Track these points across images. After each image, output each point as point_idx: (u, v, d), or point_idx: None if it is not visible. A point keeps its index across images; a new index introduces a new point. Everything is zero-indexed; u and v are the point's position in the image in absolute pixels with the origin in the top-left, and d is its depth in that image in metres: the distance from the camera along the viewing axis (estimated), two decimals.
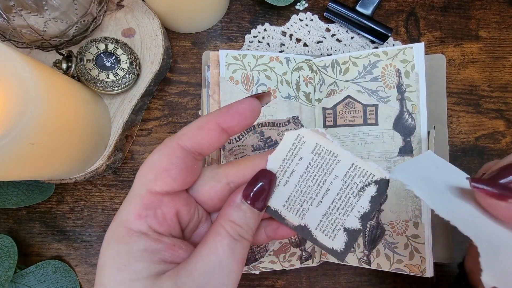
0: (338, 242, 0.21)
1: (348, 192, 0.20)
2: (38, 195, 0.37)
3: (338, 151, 0.20)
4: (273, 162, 0.21)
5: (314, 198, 0.21)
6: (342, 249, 0.21)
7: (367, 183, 0.20)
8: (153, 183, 0.20)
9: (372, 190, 0.20)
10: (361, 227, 0.20)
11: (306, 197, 0.21)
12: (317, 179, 0.20)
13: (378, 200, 0.20)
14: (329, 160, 0.20)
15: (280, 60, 0.36)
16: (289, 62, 0.36)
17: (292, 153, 0.21)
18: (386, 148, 0.34)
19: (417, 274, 0.32)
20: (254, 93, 0.35)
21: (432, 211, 0.33)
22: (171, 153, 0.20)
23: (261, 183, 0.20)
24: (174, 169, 0.20)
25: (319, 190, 0.21)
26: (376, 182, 0.20)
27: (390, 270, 0.33)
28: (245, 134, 0.35)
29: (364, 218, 0.20)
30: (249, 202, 0.20)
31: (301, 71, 0.36)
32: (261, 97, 0.21)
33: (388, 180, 0.20)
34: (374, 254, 0.33)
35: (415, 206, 0.33)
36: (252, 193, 0.20)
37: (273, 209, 0.22)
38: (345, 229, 0.21)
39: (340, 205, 0.20)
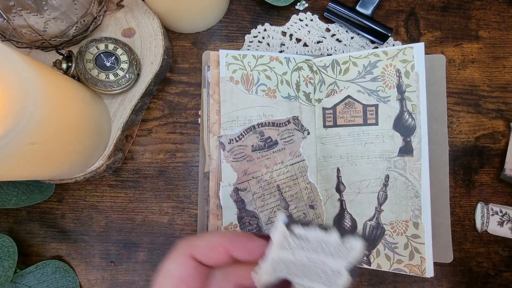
0: None
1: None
2: (38, 195, 0.37)
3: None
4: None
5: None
6: None
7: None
8: None
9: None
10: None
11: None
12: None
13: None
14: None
15: (280, 60, 0.36)
16: (289, 62, 0.36)
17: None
18: (386, 148, 0.34)
19: (417, 274, 0.32)
20: (254, 93, 0.35)
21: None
22: (186, 263, 0.21)
23: None
24: (191, 279, 0.21)
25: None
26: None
27: (390, 270, 0.33)
28: (245, 134, 0.35)
29: None
30: None
31: (301, 71, 0.36)
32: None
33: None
34: (374, 254, 0.33)
35: (415, 206, 0.33)
36: None
37: None
38: None
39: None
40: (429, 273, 0.32)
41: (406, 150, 0.34)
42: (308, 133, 0.35)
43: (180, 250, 0.22)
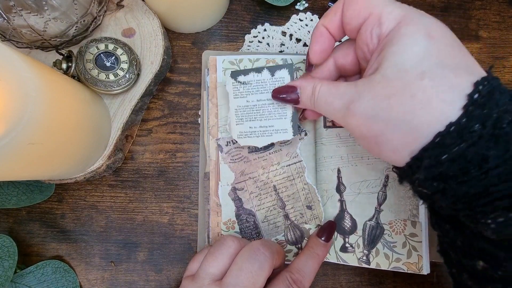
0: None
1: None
2: (38, 195, 0.37)
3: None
4: None
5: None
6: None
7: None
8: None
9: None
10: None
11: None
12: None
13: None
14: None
15: (276, 63, 0.36)
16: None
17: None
18: None
19: (415, 272, 0.32)
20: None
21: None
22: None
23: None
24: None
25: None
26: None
27: (389, 269, 0.33)
28: None
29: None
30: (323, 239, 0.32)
31: (298, 71, 0.36)
32: None
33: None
34: (374, 254, 0.33)
35: (412, 205, 0.33)
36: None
37: None
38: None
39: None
40: (426, 270, 0.32)
41: None
42: (306, 134, 0.35)
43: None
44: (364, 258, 0.34)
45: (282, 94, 0.30)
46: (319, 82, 0.26)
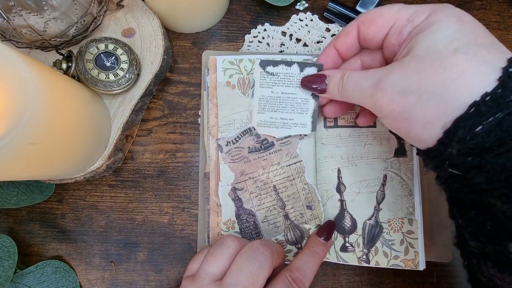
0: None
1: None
2: (38, 195, 0.37)
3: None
4: None
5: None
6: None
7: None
8: None
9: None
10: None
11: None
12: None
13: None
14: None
15: None
16: None
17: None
18: (383, 149, 0.34)
19: (412, 268, 0.33)
20: (250, 96, 0.35)
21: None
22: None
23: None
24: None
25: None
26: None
27: (387, 267, 0.33)
28: (242, 137, 0.35)
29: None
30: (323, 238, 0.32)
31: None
32: None
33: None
34: (373, 252, 0.34)
35: (409, 204, 0.34)
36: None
37: None
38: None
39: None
40: (422, 265, 0.33)
41: (400, 152, 0.34)
42: (306, 134, 0.35)
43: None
44: (364, 257, 0.34)
45: (312, 83, 0.30)
46: (348, 70, 0.27)
